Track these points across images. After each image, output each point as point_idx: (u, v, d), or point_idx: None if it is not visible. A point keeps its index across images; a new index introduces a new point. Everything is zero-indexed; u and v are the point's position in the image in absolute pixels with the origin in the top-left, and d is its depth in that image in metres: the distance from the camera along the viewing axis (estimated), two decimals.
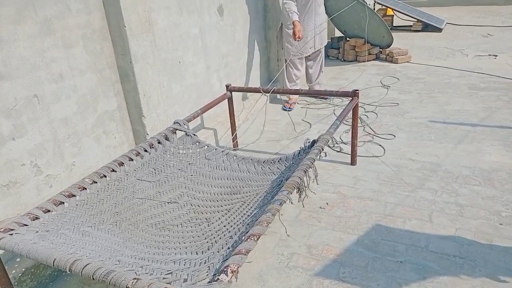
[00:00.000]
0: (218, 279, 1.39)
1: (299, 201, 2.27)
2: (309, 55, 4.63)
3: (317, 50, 4.64)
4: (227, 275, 1.42)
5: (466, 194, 2.71)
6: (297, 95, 4.64)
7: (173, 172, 2.55)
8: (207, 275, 1.57)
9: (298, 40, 4.18)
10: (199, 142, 2.82)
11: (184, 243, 1.96)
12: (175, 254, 1.86)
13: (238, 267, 1.47)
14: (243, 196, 2.34)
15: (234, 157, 2.73)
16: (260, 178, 2.50)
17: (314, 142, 2.49)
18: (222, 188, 2.47)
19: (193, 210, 2.26)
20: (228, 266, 1.45)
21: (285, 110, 4.60)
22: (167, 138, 2.72)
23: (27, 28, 2.11)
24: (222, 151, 2.78)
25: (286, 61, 4.58)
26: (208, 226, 2.11)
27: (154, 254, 1.86)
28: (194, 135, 2.86)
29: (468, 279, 2.01)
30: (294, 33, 4.13)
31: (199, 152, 2.77)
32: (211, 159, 2.72)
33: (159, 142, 2.66)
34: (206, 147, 2.81)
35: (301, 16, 4.27)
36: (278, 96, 4.93)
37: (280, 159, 2.59)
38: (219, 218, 2.17)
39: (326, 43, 4.75)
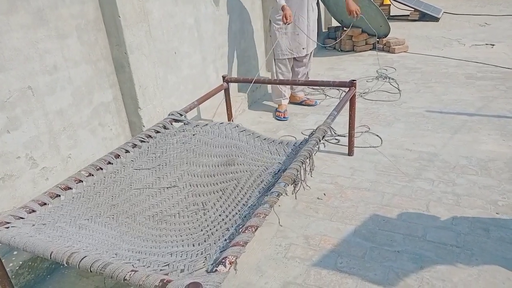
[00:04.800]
0: (216, 270, 1.39)
1: (292, 193, 2.27)
2: (298, 59, 4.13)
3: (307, 54, 4.12)
4: (225, 266, 1.41)
5: (463, 184, 2.71)
6: (287, 102, 4.20)
7: (176, 148, 2.60)
8: (204, 265, 1.57)
9: (286, 23, 3.65)
10: (198, 125, 2.86)
11: (181, 236, 1.96)
12: (172, 247, 1.85)
13: (236, 259, 1.47)
14: (237, 169, 2.35)
15: (236, 128, 2.80)
16: (256, 152, 2.54)
17: (312, 134, 2.49)
18: (220, 157, 2.51)
19: (192, 192, 2.26)
20: (226, 257, 1.45)
21: (279, 120, 4.07)
22: (165, 128, 2.73)
23: (20, 18, 2.07)
24: (225, 123, 2.86)
25: (274, 61, 4.05)
26: (204, 215, 2.10)
27: (151, 247, 1.85)
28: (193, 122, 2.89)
29: (465, 268, 2.02)
30: (284, 17, 3.61)
31: (201, 128, 2.84)
32: (214, 129, 2.81)
33: (157, 132, 2.66)
34: (207, 124, 2.88)
35: (293, 10, 3.75)
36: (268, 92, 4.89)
37: (281, 142, 2.60)
38: (215, 204, 2.16)
39: (316, 45, 4.21)
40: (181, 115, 2.85)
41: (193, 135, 2.74)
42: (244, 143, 2.65)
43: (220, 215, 2.09)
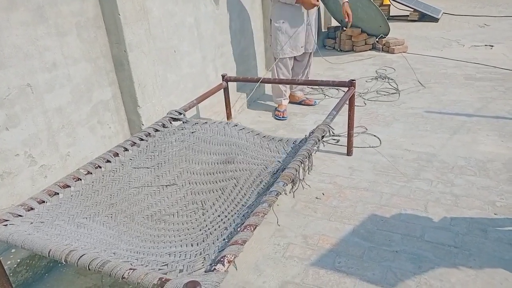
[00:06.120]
0: (214, 269, 1.39)
1: (290, 192, 2.27)
2: (299, 58, 4.10)
3: (306, 53, 4.09)
4: (223, 265, 1.41)
5: (461, 184, 2.72)
6: (287, 102, 4.20)
7: (175, 146, 2.59)
8: (203, 265, 1.57)
9: (316, 4, 3.66)
10: (197, 123, 2.86)
11: (179, 236, 1.96)
12: (170, 247, 1.85)
13: (234, 257, 1.47)
14: (236, 167, 2.35)
15: (235, 127, 2.80)
16: (255, 150, 2.53)
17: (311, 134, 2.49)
18: (219, 155, 2.51)
19: (191, 190, 2.25)
20: (224, 256, 1.45)
21: (278, 119, 4.08)
22: (164, 126, 2.73)
23: (20, 15, 2.07)
24: (223, 122, 2.85)
25: (275, 59, 4.00)
26: (203, 215, 2.10)
27: (149, 247, 1.85)
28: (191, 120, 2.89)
29: (462, 269, 2.02)
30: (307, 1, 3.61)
31: (201, 127, 2.84)
32: (212, 127, 2.80)
33: (156, 130, 2.66)
34: (207, 122, 2.88)
35: (293, 10, 3.75)
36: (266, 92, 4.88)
37: (281, 139, 2.60)
38: (214, 204, 2.16)
39: (316, 46, 4.11)
40: (180, 113, 2.85)
41: (192, 132, 2.73)
42: (244, 141, 2.64)
43: (219, 215, 2.09)
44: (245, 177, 2.28)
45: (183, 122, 2.83)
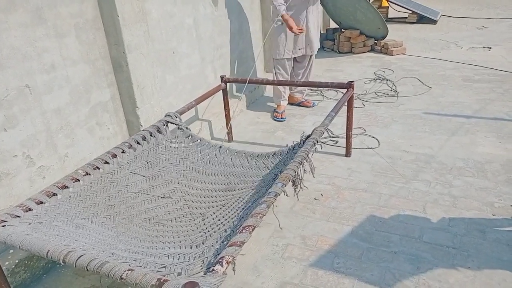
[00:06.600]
0: (213, 269, 1.39)
1: (294, 195, 2.27)
2: (299, 60, 4.11)
3: (306, 56, 4.08)
4: (222, 266, 1.41)
5: (459, 186, 2.72)
6: (286, 103, 4.20)
7: (166, 166, 2.52)
8: (201, 268, 1.57)
9: (299, 34, 3.70)
10: (191, 136, 2.78)
11: (178, 237, 1.95)
12: (169, 248, 1.84)
13: (233, 258, 1.47)
14: (238, 192, 2.32)
15: (227, 151, 2.70)
16: (254, 173, 2.48)
17: (309, 136, 2.48)
18: (216, 184, 2.44)
19: (187, 205, 2.25)
20: (223, 257, 1.45)
21: (277, 120, 4.09)
22: (159, 131, 2.67)
23: (18, 16, 2.07)
24: (214, 146, 2.75)
25: (273, 60, 4.02)
26: (203, 220, 2.10)
27: (148, 248, 1.85)
28: (187, 128, 2.82)
29: (461, 270, 2.02)
30: (290, 28, 3.64)
31: (191, 146, 2.73)
32: (203, 154, 2.69)
33: (151, 135, 2.62)
34: (198, 141, 2.77)
35: (294, 10, 3.77)
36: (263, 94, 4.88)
37: (275, 153, 2.58)
38: (214, 213, 2.15)
39: (317, 50, 4.10)
40: (176, 117, 2.81)
41: (182, 158, 2.61)
42: (240, 168, 2.56)
43: (219, 219, 2.08)
44: (247, 192, 2.27)
45: (178, 128, 2.78)
